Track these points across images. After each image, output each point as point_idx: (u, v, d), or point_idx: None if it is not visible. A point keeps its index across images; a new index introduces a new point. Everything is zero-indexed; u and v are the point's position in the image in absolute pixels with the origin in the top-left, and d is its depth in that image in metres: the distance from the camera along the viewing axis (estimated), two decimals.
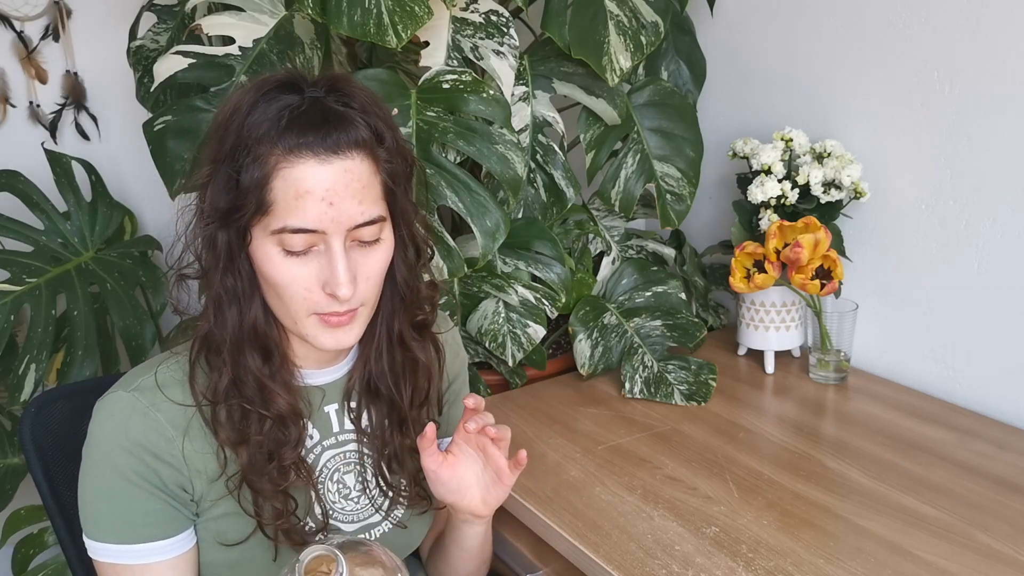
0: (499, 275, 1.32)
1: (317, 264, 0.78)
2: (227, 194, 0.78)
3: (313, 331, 0.81)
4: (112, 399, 0.83)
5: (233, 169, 0.77)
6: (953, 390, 1.32)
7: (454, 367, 1.02)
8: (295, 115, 0.76)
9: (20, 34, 1.62)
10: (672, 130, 1.44)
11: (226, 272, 0.81)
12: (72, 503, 0.99)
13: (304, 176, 0.75)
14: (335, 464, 0.92)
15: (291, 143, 0.75)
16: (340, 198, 0.76)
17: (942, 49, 1.26)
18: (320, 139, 0.75)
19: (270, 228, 0.77)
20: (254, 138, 0.76)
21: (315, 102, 0.78)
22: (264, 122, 0.76)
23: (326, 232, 0.76)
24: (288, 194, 0.76)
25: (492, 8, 1.26)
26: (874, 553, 0.93)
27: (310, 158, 0.75)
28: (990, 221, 1.24)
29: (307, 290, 0.78)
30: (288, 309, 0.80)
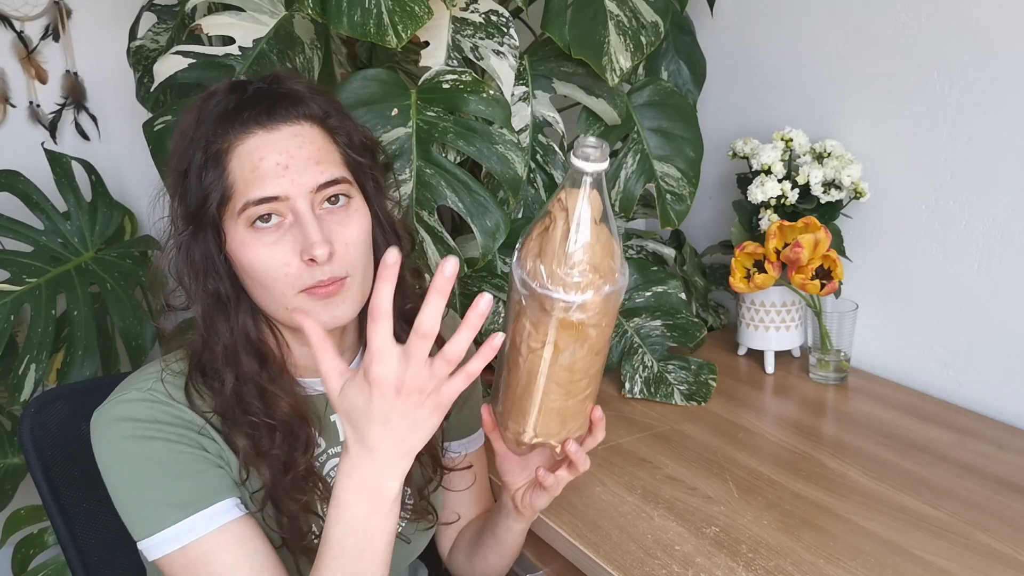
0: (499, 275, 1.32)
1: (291, 238, 0.77)
2: (193, 195, 0.78)
3: (309, 308, 0.78)
4: (124, 398, 0.80)
5: (195, 172, 0.77)
6: (953, 390, 1.32)
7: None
8: (239, 101, 0.78)
9: (20, 34, 1.62)
10: (672, 130, 1.44)
11: (207, 279, 0.80)
12: (72, 503, 1.00)
13: (255, 147, 0.76)
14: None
15: (238, 125, 0.77)
16: (295, 160, 0.76)
17: (942, 49, 1.26)
18: (266, 111, 0.77)
19: (236, 209, 0.76)
20: (207, 136, 0.77)
21: (260, 88, 0.80)
22: (213, 120, 0.78)
23: (289, 196, 0.76)
24: (244, 169, 0.76)
25: (492, 8, 1.26)
26: (874, 553, 0.93)
27: (258, 129, 0.76)
28: (990, 221, 1.24)
29: (286, 264, 0.77)
30: (274, 294, 0.78)
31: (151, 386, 0.80)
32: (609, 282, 0.73)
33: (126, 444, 0.78)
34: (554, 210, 0.73)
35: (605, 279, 0.72)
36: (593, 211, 0.72)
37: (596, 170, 0.71)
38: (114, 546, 1.02)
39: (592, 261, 0.71)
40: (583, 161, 0.71)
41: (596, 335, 0.75)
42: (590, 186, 0.72)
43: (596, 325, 0.74)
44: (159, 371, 0.82)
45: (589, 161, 0.71)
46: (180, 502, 0.77)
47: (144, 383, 0.81)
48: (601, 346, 0.77)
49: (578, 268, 0.71)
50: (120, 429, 0.78)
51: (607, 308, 0.74)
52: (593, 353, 0.76)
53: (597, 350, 0.76)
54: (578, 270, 0.71)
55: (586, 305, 0.72)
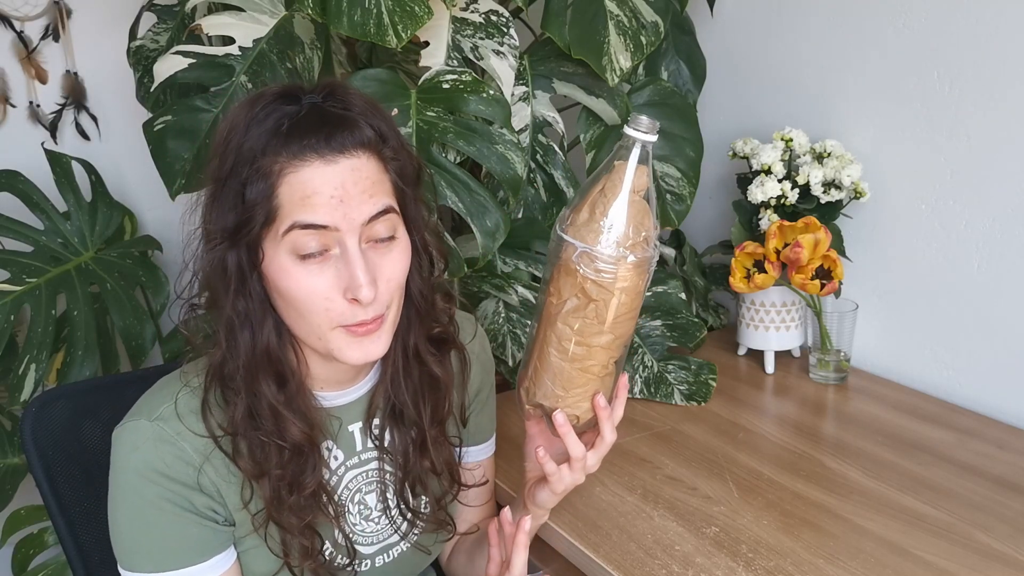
0: (499, 275, 1.32)
1: (334, 271, 0.75)
2: (233, 211, 0.75)
3: (339, 344, 0.77)
4: (135, 428, 0.79)
5: (237, 185, 0.75)
6: (953, 390, 1.32)
7: (480, 377, 1.00)
8: (295, 121, 0.74)
9: (20, 34, 1.62)
10: (672, 130, 1.44)
11: (237, 295, 0.77)
12: (73, 502, 1.00)
13: (310, 177, 0.73)
14: (356, 484, 0.91)
15: (294, 148, 0.73)
16: (350, 195, 0.74)
17: (942, 49, 1.26)
18: (324, 140, 0.73)
19: (280, 231, 0.74)
20: (256, 150, 0.74)
21: (314, 107, 0.76)
22: (264, 133, 0.74)
23: (339, 229, 0.73)
24: (295, 196, 0.73)
25: (492, 8, 1.26)
26: (874, 553, 0.93)
27: (315, 159, 0.73)
28: (990, 221, 1.24)
29: (327, 300, 0.75)
30: (311, 325, 0.77)
31: (163, 415, 0.79)
32: (634, 252, 0.77)
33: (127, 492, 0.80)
34: (605, 178, 0.78)
35: (631, 249, 0.77)
36: (636, 183, 0.77)
37: (646, 140, 0.77)
38: None
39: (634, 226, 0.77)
40: (635, 131, 0.77)
41: (604, 304, 0.78)
42: (638, 158, 0.77)
43: (606, 289, 0.78)
44: (175, 392, 0.81)
45: (640, 131, 0.77)
46: (155, 559, 0.80)
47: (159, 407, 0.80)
48: (610, 320, 0.79)
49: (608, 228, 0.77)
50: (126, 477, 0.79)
51: (624, 277, 0.78)
52: (599, 322, 0.79)
53: (604, 321, 0.79)
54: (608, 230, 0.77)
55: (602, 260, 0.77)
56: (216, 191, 0.77)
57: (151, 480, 0.78)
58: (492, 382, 1.04)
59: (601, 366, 0.82)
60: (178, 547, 0.80)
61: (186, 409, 0.80)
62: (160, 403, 0.80)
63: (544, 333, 0.82)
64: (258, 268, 0.77)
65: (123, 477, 0.79)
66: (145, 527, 0.79)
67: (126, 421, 0.81)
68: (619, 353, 0.83)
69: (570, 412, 0.83)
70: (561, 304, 0.80)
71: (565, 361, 0.81)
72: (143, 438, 0.79)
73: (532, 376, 0.85)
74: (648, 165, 0.78)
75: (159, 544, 0.80)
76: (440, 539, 0.97)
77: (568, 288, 0.79)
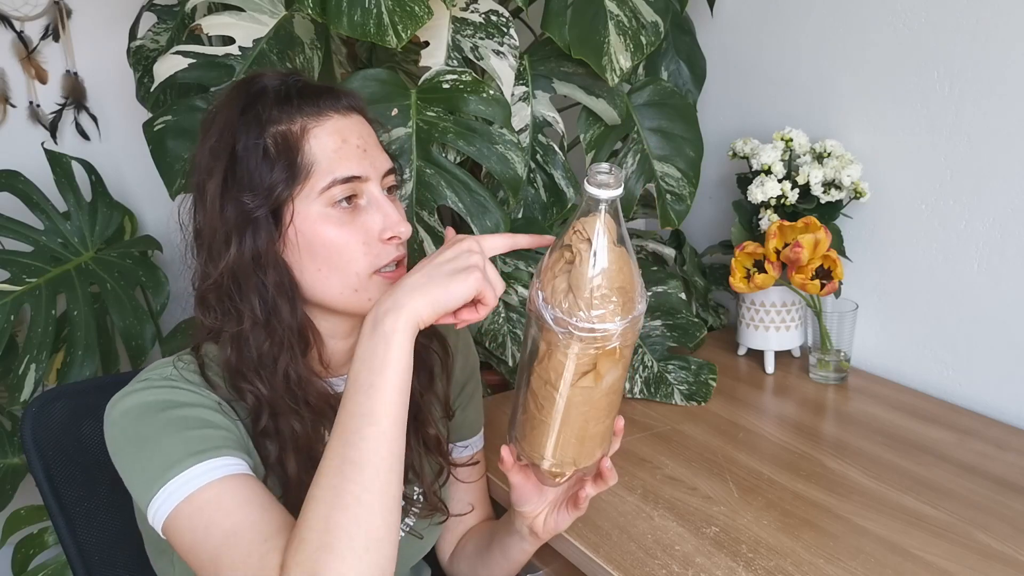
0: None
1: (364, 219, 0.79)
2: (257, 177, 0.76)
3: (377, 292, 0.80)
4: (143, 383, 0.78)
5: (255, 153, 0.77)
6: (953, 390, 1.32)
7: (464, 371, 1.02)
8: (297, 87, 0.80)
9: (20, 34, 1.62)
10: (672, 130, 1.44)
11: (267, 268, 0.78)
12: (73, 502, 1.00)
13: (337, 129, 0.79)
14: None
15: (309, 109, 0.79)
16: (368, 145, 0.81)
17: (942, 49, 1.26)
18: (335, 99, 0.81)
19: (317, 189, 0.78)
20: (264, 120, 0.78)
21: (299, 79, 0.82)
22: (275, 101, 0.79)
23: (368, 178, 0.79)
24: (327, 149, 0.78)
25: (492, 8, 1.26)
26: (874, 553, 0.93)
27: (334, 113, 0.80)
28: (990, 221, 1.24)
29: (366, 244, 0.79)
30: (347, 275, 0.79)
31: (168, 374, 0.79)
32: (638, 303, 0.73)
33: (141, 410, 0.76)
34: (574, 242, 0.71)
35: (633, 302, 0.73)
36: (610, 240, 0.71)
37: (611, 197, 0.70)
38: (115, 546, 1.02)
39: (619, 287, 0.71)
40: (597, 188, 0.70)
41: (628, 355, 0.76)
42: (607, 213, 0.71)
43: (628, 346, 0.75)
44: (172, 361, 0.81)
45: (603, 188, 0.70)
46: (191, 450, 0.74)
47: (162, 369, 0.80)
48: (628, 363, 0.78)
49: (608, 298, 0.71)
50: (136, 398, 0.77)
51: (635, 329, 0.74)
52: (624, 370, 0.77)
53: (626, 367, 0.78)
54: (608, 300, 0.71)
55: (622, 332, 0.72)
56: (227, 172, 0.78)
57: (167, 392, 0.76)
58: (477, 377, 1.05)
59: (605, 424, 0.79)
60: (210, 436, 0.75)
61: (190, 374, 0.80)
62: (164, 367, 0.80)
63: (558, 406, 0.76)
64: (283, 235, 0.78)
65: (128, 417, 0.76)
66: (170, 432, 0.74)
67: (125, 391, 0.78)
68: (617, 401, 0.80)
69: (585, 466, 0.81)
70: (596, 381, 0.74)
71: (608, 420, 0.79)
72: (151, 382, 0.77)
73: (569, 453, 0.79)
74: (618, 217, 0.71)
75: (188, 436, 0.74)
76: (434, 523, 0.97)
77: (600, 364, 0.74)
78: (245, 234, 0.77)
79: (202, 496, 0.72)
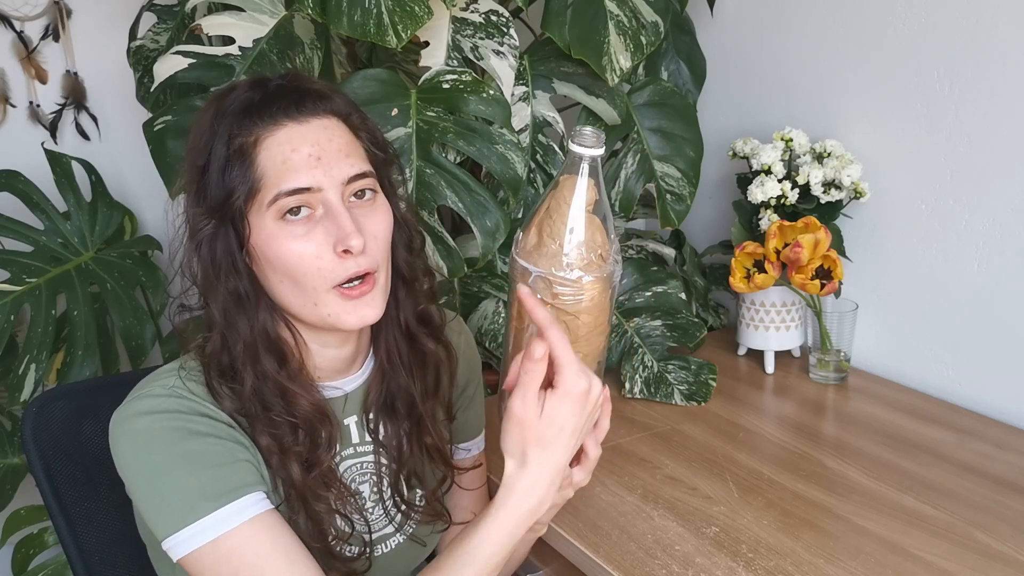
0: (499, 275, 1.32)
1: (322, 230, 0.76)
2: (216, 190, 0.77)
3: (335, 308, 0.78)
4: (148, 393, 0.77)
5: (217, 167, 0.77)
6: (953, 390, 1.32)
7: (466, 373, 1.01)
8: (265, 94, 0.78)
9: (20, 34, 1.62)
10: (672, 130, 1.44)
11: (228, 276, 0.78)
12: (74, 502, 1.00)
13: (287, 139, 0.76)
14: (351, 475, 0.91)
15: (266, 117, 0.76)
16: (326, 152, 0.76)
17: (942, 49, 1.26)
18: (294, 105, 0.77)
19: (265, 201, 0.76)
20: (231, 128, 0.77)
21: (281, 85, 0.80)
22: (237, 111, 0.77)
23: (321, 188, 0.76)
24: (275, 160, 0.75)
25: (492, 8, 1.26)
26: (874, 553, 0.93)
27: (288, 121, 0.76)
28: (990, 221, 1.24)
29: (318, 259, 0.76)
30: (305, 289, 0.77)
31: (173, 383, 0.78)
32: (589, 271, 0.75)
33: (152, 437, 0.75)
34: (551, 196, 0.76)
35: (585, 268, 0.75)
36: (589, 198, 0.75)
37: (592, 155, 0.74)
38: (115, 546, 1.02)
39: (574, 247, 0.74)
40: (579, 146, 0.74)
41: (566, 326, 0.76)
42: (587, 174, 0.74)
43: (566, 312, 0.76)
44: (176, 370, 0.80)
45: (585, 147, 0.74)
46: (210, 493, 0.74)
47: (166, 380, 0.79)
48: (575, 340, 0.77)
49: (558, 250, 0.74)
50: (146, 422, 0.76)
51: (582, 297, 0.75)
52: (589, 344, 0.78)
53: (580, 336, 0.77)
54: (559, 252, 0.74)
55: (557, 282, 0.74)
56: (198, 181, 0.78)
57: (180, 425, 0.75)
58: (479, 379, 1.05)
59: None
60: (232, 471, 0.75)
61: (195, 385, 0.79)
62: (166, 378, 0.79)
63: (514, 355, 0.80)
64: (246, 246, 0.78)
65: (142, 442, 0.75)
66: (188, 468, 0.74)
67: (125, 403, 0.78)
68: (592, 368, 0.80)
69: None
70: (524, 329, 0.78)
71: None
72: (159, 398, 0.77)
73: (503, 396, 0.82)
74: (598, 178, 0.75)
75: (212, 475, 0.74)
76: (436, 530, 0.97)
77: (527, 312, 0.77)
78: (202, 244, 0.78)
79: (226, 544, 0.73)
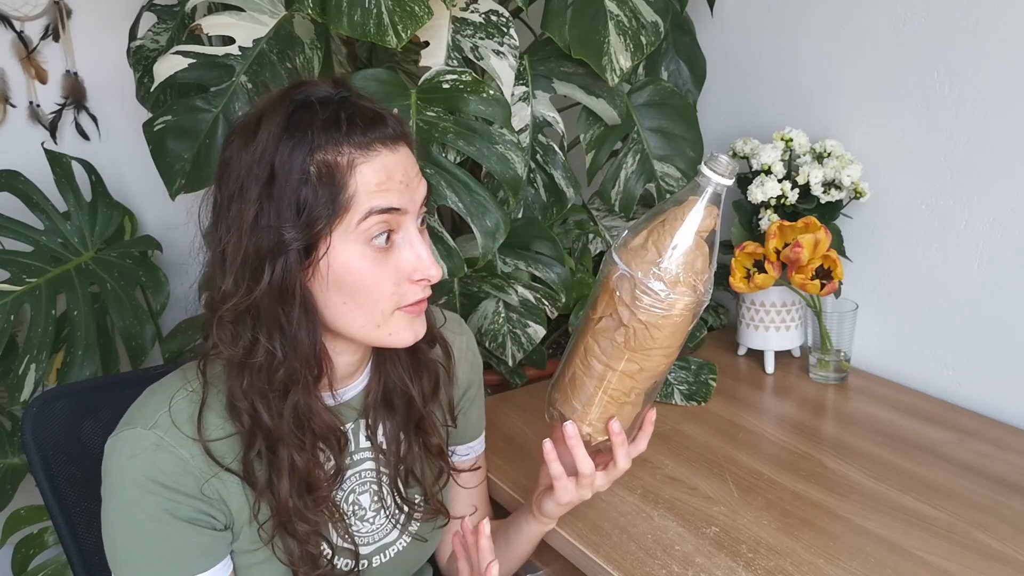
0: (499, 275, 1.32)
1: (397, 258, 0.78)
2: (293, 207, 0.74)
3: (398, 327, 0.80)
4: (130, 437, 0.78)
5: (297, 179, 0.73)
6: (953, 390, 1.32)
7: (468, 374, 1.01)
8: (347, 114, 0.76)
9: (20, 34, 1.62)
10: (672, 130, 1.44)
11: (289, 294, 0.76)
12: (74, 502, 1.00)
13: (383, 165, 0.76)
14: (350, 485, 0.90)
15: (358, 140, 0.75)
16: (411, 179, 0.79)
17: (942, 49, 1.26)
18: (383, 129, 0.77)
19: (355, 221, 0.75)
20: (309, 147, 0.74)
21: (350, 101, 0.78)
22: (317, 127, 0.74)
23: (407, 211, 0.78)
24: (370, 184, 0.75)
25: (492, 8, 1.26)
26: (874, 553, 0.93)
27: (382, 149, 0.77)
28: (990, 221, 1.24)
29: (396, 284, 0.78)
30: (371, 313, 0.78)
31: (159, 422, 0.78)
32: (675, 291, 0.76)
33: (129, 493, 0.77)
34: (672, 209, 0.77)
35: (673, 286, 0.76)
36: (702, 224, 0.76)
37: (718, 182, 0.75)
38: None
39: (673, 263, 0.75)
40: (710, 171, 0.75)
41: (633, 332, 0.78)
42: (708, 199, 0.75)
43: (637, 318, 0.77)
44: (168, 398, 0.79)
45: (714, 172, 0.75)
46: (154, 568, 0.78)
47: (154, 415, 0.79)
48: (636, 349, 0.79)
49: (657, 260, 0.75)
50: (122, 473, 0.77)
51: (659, 312, 0.77)
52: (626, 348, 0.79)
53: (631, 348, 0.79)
54: (656, 262, 0.75)
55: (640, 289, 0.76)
56: (262, 198, 0.74)
57: (149, 490, 0.77)
58: (480, 380, 1.05)
59: (622, 392, 0.81)
60: (178, 558, 0.79)
61: (182, 416, 0.79)
62: (155, 411, 0.79)
63: (577, 344, 0.83)
64: (312, 266, 0.76)
65: (119, 488, 0.78)
66: (142, 538, 0.78)
67: (120, 430, 0.79)
68: (645, 385, 0.82)
69: (584, 429, 0.83)
70: (596, 320, 0.80)
71: (587, 376, 0.81)
72: (140, 447, 0.77)
73: (558, 382, 0.85)
74: (719, 207, 0.76)
75: (157, 556, 0.78)
76: (437, 526, 0.97)
77: (605, 306, 0.79)
78: (276, 264, 0.75)
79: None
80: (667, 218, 0.76)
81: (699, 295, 0.77)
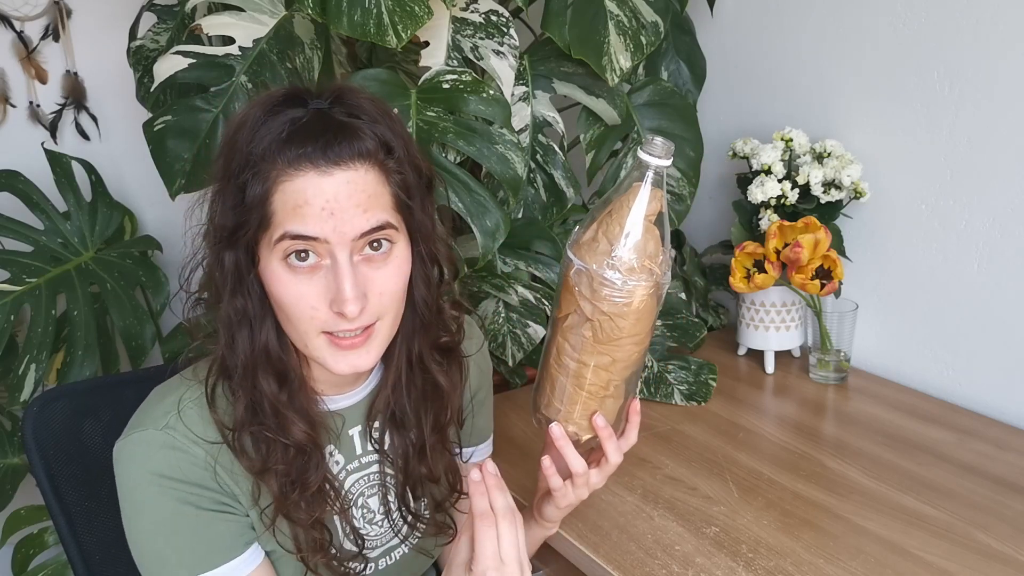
0: (499, 275, 1.32)
1: (324, 281, 0.74)
2: (232, 212, 0.75)
3: (323, 353, 0.77)
4: (141, 439, 0.78)
5: (238, 186, 0.75)
6: (953, 390, 1.32)
7: (478, 378, 1.00)
8: (296, 127, 0.73)
9: (20, 34, 1.62)
10: (672, 130, 1.44)
11: (235, 294, 0.78)
12: (74, 502, 1.00)
13: (303, 188, 0.72)
14: (359, 488, 0.90)
15: (291, 156, 0.72)
16: (342, 208, 0.72)
17: (942, 49, 1.26)
18: (320, 150, 0.72)
19: (272, 239, 0.73)
20: (257, 154, 0.73)
21: (319, 113, 0.74)
22: (267, 136, 0.74)
23: (328, 241, 0.72)
24: (287, 205, 0.72)
25: (492, 8, 1.26)
26: (874, 553, 0.93)
27: (310, 170, 0.72)
28: (990, 221, 1.24)
29: (313, 308, 0.75)
30: (297, 330, 0.77)
31: (170, 423, 0.78)
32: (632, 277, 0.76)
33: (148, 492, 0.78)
34: (616, 199, 0.77)
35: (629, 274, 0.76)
36: (652, 208, 0.76)
37: (657, 165, 0.75)
38: (116, 545, 1.02)
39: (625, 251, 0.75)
40: (646, 155, 0.75)
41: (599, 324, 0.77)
42: (651, 183, 0.76)
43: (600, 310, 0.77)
44: (177, 400, 0.80)
45: (651, 155, 0.75)
46: (187, 563, 0.78)
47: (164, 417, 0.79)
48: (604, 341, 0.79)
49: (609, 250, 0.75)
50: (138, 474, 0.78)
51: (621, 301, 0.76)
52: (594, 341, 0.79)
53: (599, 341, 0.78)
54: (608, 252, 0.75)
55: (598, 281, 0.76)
56: (221, 188, 0.77)
57: (169, 487, 0.77)
58: (489, 384, 1.04)
59: (599, 386, 0.81)
60: (209, 547, 0.79)
61: (192, 415, 0.79)
62: (164, 412, 0.79)
63: (549, 345, 0.83)
64: (255, 270, 0.77)
65: (138, 490, 0.78)
66: (171, 535, 0.78)
67: (129, 433, 0.79)
68: (622, 376, 0.82)
69: (570, 428, 0.83)
70: (563, 318, 0.80)
71: (563, 375, 0.82)
72: (153, 447, 0.77)
73: (538, 387, 0.85)
74: (662, 189, 0.76)
75: (189, 548, 0.78)
76: (440, 542, 0.97)
77: (568, 304, 0.79)
78: (222, 255, 0.77)
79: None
80: (613, 208, 0.76)
81: (656, 277, 0.77)
